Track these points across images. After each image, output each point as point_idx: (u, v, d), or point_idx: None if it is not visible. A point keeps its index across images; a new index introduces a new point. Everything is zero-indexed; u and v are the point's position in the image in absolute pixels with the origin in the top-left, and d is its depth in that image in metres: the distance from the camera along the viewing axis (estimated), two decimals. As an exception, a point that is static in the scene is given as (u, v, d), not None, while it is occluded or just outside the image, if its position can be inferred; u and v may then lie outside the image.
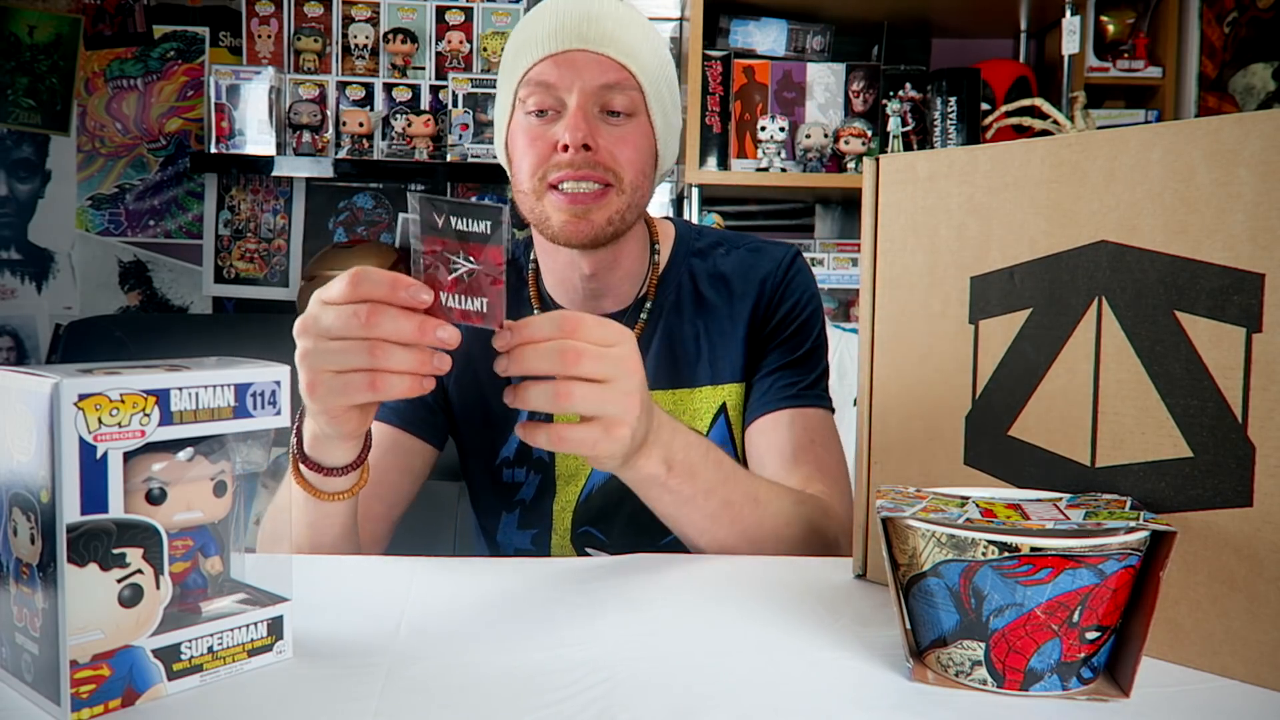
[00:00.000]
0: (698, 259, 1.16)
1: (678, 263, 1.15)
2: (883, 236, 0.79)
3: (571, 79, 1.00)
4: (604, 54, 1.00)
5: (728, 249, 1.17)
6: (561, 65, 1.00)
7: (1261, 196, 0.59)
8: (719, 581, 0.80)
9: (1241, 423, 0.61)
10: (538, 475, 1.11)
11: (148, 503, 0.57)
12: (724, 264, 1.15)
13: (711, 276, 1.14)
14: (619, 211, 1.03)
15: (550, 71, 1.00)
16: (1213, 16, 2.35)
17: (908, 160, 0.77)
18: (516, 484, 1.12)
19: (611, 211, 1.02)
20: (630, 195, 1.03)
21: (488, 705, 0.57)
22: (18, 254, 2.59)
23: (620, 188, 1.02)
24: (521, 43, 1.04)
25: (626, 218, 1.04)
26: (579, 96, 1.00)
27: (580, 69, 1.00)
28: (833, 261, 2.41)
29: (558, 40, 1.01)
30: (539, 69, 1.01)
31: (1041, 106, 2.06)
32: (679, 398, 1.11)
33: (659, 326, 1.12)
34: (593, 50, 1.00)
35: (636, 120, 1.03)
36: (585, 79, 1.00)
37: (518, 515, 1.13)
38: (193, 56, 2.61)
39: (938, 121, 2.29)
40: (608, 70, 1.01)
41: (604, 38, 1.00)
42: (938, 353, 0.76)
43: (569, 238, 1.03)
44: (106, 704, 0.54)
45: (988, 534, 0.57)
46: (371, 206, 2.65)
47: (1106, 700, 0.59)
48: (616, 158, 1.01)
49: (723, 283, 1.14)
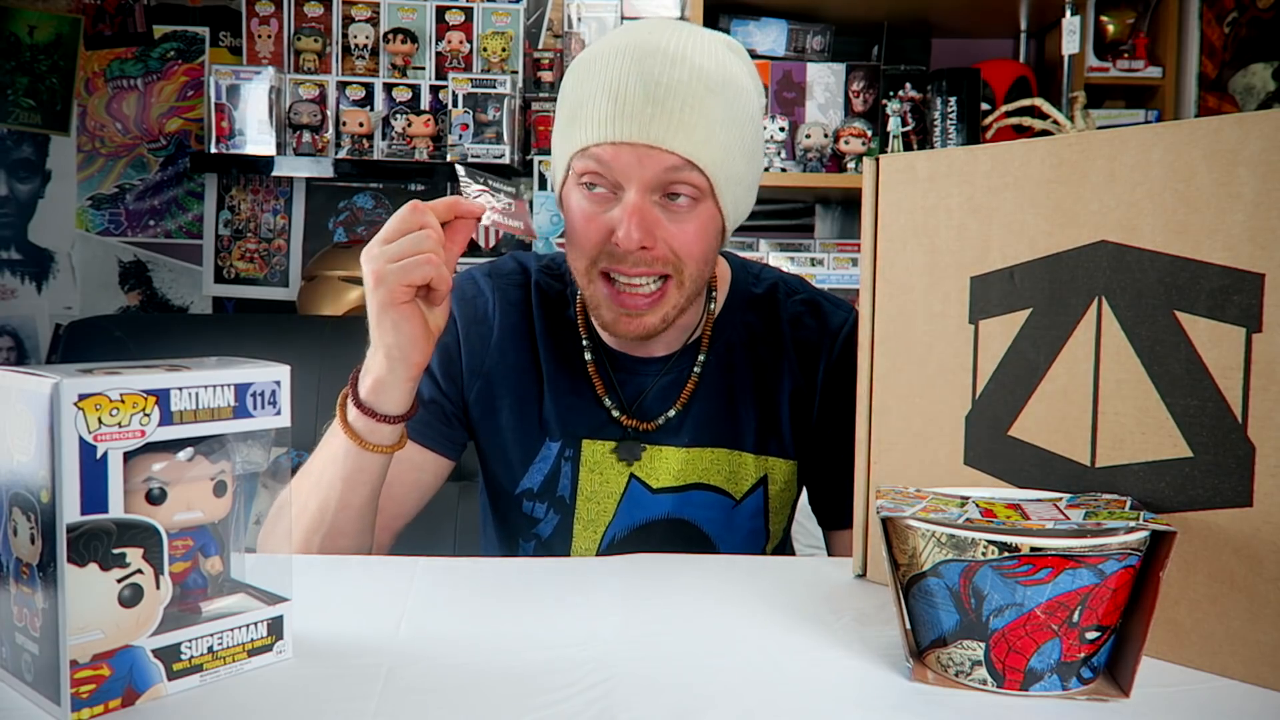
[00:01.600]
0: (754, 312, 1.09)
1: (733, 311, 1.09)
2: (883, 236, 0.79)
3: (629, 170, 0.91)
4: (667, 149, 0.90)
5: (784, 296, 1.11)
6: (619, 154, 0.91)
7: (1261, 196, 0.59)
8: (719, 581, 0.80)
9: (1241, 423, 0.61)
10: (557, 515, 1.07)
11: (148, 503, 0.57)
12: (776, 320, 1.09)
13: (763, 333, 1.08)
14: (676, 306, 0.96)
15: (608, 159, 0.91)
16: (1213, 16, 2.35)
17: (908, 160, 0.77)
18: (535, 518, 1.08)
19: (669, 308, 0.96)
20: (692, 285, 0.96)
21: (488, 705, 0.57)
22: (18, 254, 2.59)
23: (680, 279, 0.95)
24: (579, 105, 0.93)
25: (683, 307, 0.98)
26: (638, 193, 0.91)
27: (638, 163, 0.90)
28: (833, 261, 2.40)
29: (616, 127, 0.90)
30: (596, 151, 0.92)
31: (1041, 106, 2.05)
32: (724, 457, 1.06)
33: (713, 381, 1.06)
34: (654, 145, 0.90)
35: (702, 205, 0.94)
36: (646, 177, 0.91)
37: (534, 547, 1.09)
38: (193, 56, 2.61)
39: (938, 121, 2.29)
40: (671, 170, 0.91)
41: (670, 128, 0.89)
42: (938, 353, 0.75)
43: (618, 333, 0.98)
44: (106, 704, 0.54)
45: (988, 534, 0.57)
46: (371, 206, 2.64)
47: (1106, 700, 0.59)
48: (677, 250, 0.94)
49: (773, 342, 1.08)
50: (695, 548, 1.06)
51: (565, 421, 1.05)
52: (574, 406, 1.05)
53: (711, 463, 1.06)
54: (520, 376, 1.07)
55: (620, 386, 1.06)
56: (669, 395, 1.06)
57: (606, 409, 1.05)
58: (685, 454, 1.05)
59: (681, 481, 1.05)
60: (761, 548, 1.09)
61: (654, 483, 1.05)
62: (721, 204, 0.95)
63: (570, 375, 1.06)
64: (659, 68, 0.90)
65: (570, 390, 1.06)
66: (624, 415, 1.05)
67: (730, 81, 0.93)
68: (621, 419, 1.05)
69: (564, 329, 1.07)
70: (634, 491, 1.05)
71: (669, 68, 0.90)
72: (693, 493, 1.05)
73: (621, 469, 1.05)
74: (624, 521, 1.06)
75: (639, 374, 1.06)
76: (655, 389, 1.06)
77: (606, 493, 1.05)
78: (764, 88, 1.05)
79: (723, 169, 0.93)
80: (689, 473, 1.05)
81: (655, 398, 1.06)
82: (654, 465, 1.05)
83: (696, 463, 1.05)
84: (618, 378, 1.06)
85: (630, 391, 1.06)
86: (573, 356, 1.07)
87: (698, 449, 1.05)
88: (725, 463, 1.06)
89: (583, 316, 1.07)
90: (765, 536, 1.09)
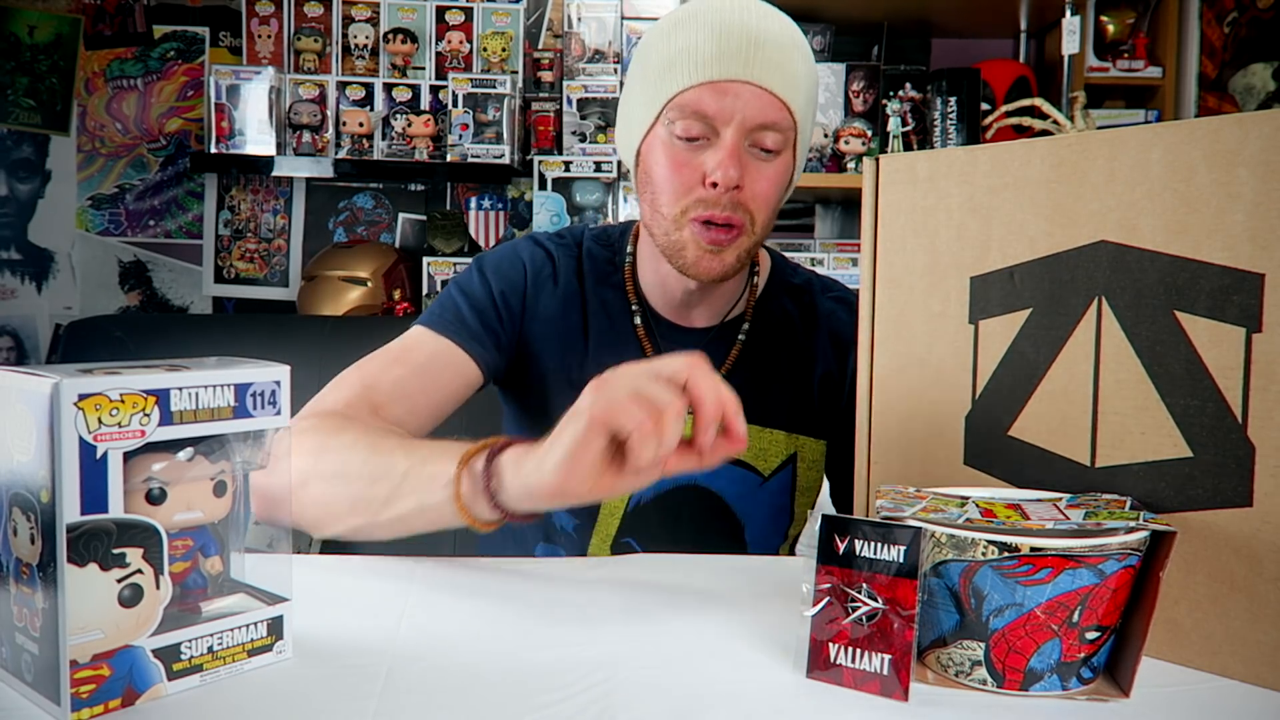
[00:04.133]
0: (791, 299, 1.14)
1: (773, 294, 1.14)
2: (883, 236, 0.79)
3: (731, 112, 0.95)
4: (768, 89, 0.95)
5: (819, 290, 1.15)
6: (723, 95, 0.95)
7: (1261, 196, 0.59)
8: (719, 582, 0.80)
9: (1241, 423, 0.61)
10: None
11: (148, 503, 0.57)
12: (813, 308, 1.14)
13: (799, 318, 1.13)
14: (747, 250, 1.01)
15: (709, 100, 0.95)
16: (1213, 16, 2.35)
17: (908, 160, 0.77)
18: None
19: (741, 250, 1.00)
20: (760, 234, 1.01)
21: (488, 705, 0.57)
22: (18, 254, 2.59)
23: (751, 229, 1.00)
24: (676, 54, 0.97)
25: (752, 254, 1.03)
26: (735, 133, 0.95)
27: (743, 103, 0.95)
28: (833, 261, 2.40)
29: (720, 66, 0.94)
30: (695, 94, 0.95)
31: (1041, 106, 2.05)
32: (755, 433, 1.07)
33: (752, 356, 1.10)
34: (757, 84, 0.95)
35: (783, 157, 0.99)
36: (747, 115, 0.95)
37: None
38: (193, 56, 2.61)
39: (938, 121, 2.29)
40: (769, 108, 0.95)
41: (769, 68, 0.95)
42: (938, 353, 0.76)
43: (700, 273, 1.00)
44: (106, 704, 0.54)
45: (988, 534, 0.57)
46: (371, 206, 2.64)
47: (1106, 700, 0.59)
48: (756, 197, 0.98)
49: (808, 328, 1.12)
50: (719, 522, 1.07)
51: None
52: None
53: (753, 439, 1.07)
54: (569, 333, 1.09)
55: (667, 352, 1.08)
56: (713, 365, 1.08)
57: None
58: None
59: None
60: (785, 529, 1.11)
61: None
62: (797, 157, 1.02)
63: (618, 338, 1.09)
64: (754, 20, 0.97)
65: (617, 352, 1.07)
66: None
67: (805, 45, 1.01)
68: None
69: (613, 294, 1.11)
70: None
71: (763, 20, 0.97)
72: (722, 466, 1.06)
73: None
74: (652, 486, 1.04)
75: (684, 342, 1.08)
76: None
77: None
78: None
79: (805, 120, 1.00)
80: None
81: None
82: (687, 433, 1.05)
83: None
84: (666, 344, 1.09)
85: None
86: (621, 320, 1.10)
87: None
88: (756, 439, 1.07)
89: (631, 283, 1.11)
90: (790, 517, 1.10)
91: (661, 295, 1.09)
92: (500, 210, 2.62)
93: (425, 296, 2.44)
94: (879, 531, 0.58)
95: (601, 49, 2.57)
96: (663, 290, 1.09)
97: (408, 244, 2.62)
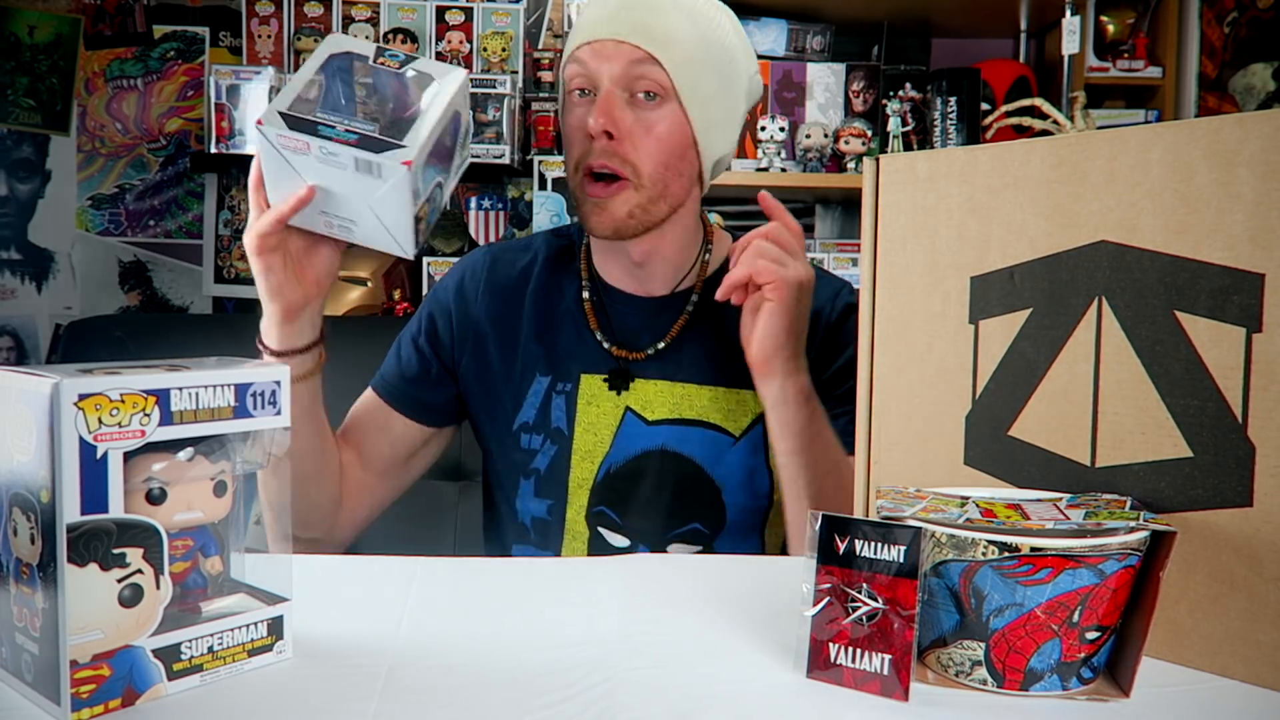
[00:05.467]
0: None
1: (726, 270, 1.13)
2: (883, 236, 0.79)
3: (599, 64, 1.04)
4: (631, 42, 1.04)
5: None
6: (596, 53, 1.05)
7: (1261, 196, 0.59)
8: (719, 582, 0.80)
9: (1241, 423, 0.61)
10: (554, 446, 1.12)
11: (148, 503, 0.57)
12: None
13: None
14: (639, 205, 1.05)
15: (588, 58, 1.05)
16: (1213, 16, 2.35)
17: (908, 160, 0.77)
18: (533, 451, 1.13)
19: (631, 205, 1.05)
20: (651, 189, 1.05)
21: (488, 705, 0.57)
22: (18, 254, 2.59)
23: (638, 182, 1.04)
24: (578, 24, 1.10)
25: (651, 211, 1.06)
26: (607, 84, 1.04)
27: (610, 56, 1.04)
28: (833, 261, 2.40)
29: (594, 29, 1.06)
30: (580, 52, 1.06)
31: (1041, 106, 2.05)
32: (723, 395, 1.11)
33: (707, 323, 1.13)
34: (622, 40, 1.04)
35: (667, 107, 1.05)
36: (612, 65, 1.04)
37: (534, 483, 1.13)
38: (193, 56, 2.61)
39: (938, 121, 2.29)
40: (635, 60, 1.04)
41: (634, 27, 1.04)
42: (938, 353, 0.75)
43: (591, 228, 1.07)
44: (106, 704, 0.54)
45: (988, 534, 0.57)
46: (371, 206, 2.64)
47: (1106, 700, 0.59)
48: (638, 147, 1.04)
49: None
50: (692, 484, 1.09)
51: (556, 358, 1.14)
52: (567, 343, 1.14)
53: (710, 400, 1.11)
54: (505, 326, 1.17)
55: (613, 321, 1.15)
56: (659, 330, 1.14)
57: (598, 341, 1.14)
58: (681, 389, 1.12)
59: (677, 415, 1.11)
60: (766, 491, 1.11)
61: (649, 415, 1.11)
62: (687, 111, 1.05)
63: (568, 314, 1.16)
64: None
65: (563, 327, 1.15)
66: (614, 346, 1.13)
67: (700, 12, 1.07)
68: (611, 350, 1.13)
69: (567, 276, 1.18)
70: (629, 423, 1.11)
71: None
72: (690, 429, 1.11)
73: (617, 402, 1.11)
74: (620, 453, 1.10)
75: (632, 310, 1.15)
76: (644, 323, 1.14)
77: (604, 424, 1.11)
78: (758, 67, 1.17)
79: (685, 73, 1.04)
80: (685, 408, 1.11)
81: (644, 331, 1.14)
82: (648, 398, 1.12)
83: (694, 399, 1.11)
84: (614, 312, 1.15)
85: (623, 326, 1.15)
86: (571, 299, 1.16)
87: (694, 385, 1.11)
88: (724, 400, 1.11)
89: (585, 261, 1.18)
90: (768, 476, 1.10)
91: (613, 271, 1.15)
92: (500, 210, 2.62)
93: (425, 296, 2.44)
94: (879, 531, 0.58)
95: (601, 49, 2.57)
96: (613, 265, 1.15)
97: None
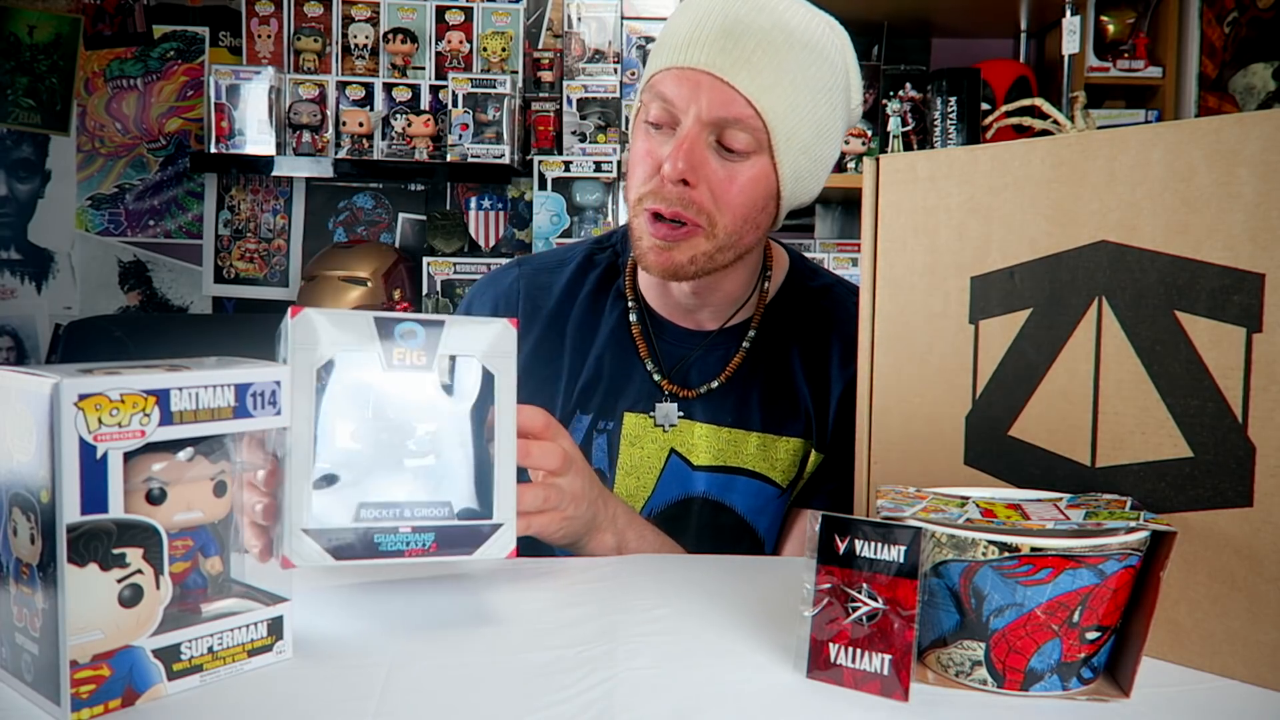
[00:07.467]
0: (809, 304, 1.08)
1: (788, 300, 1.07)
2: (883, 236, 0.79)
3: (689, 101, 0.91)
4: (731, 84, 0.89)
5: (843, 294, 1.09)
6: (683, 83, 0.91)
7: (1261, 196, 0.59)
8: (719, 582, 0.80)
9: (1241, 423, 0.61)
10: None
11: (148, 503, 0.57)
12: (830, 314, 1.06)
13: (819, 325, 1.06)
14: (706, 254, 0.95)
15: (671, 86, 0.92)
16: (1213, 16, 2.35)
17: (908, 160, 0.77)
18: None
19: (696, 253, 0.94)
20: (724, 240, 0.94)
21: (488, 705, 0.57)
22: (18, 254, 2.60)
23: (710, 232, 0.93)
24: (664, 37, 0.95)
25: (717, 259, 0.96)
26: (693, 125, 0.91)
27: (701, 93, 0.90)
28: (833, 261, 2.40)
29: (687, 52, 0.91)
30: (663, 78, 0.93)
31: (1041, 106, 2.05)
32: (765, 442, 1.03)
33: (761, 362, 1.05)
34: (718, 76, 0.90)
35: (755, 160, 0.93)
36: (703, 105, 0.90)
37: None
38: (193, 56, 2.61)
39: (938, 121, 2.29)
40: (730, 103, 0.90)
41: (737, 62, 0.89)
42: (938, 353, 0.75)
43: (649, 266, 0.96)
44: (106, 704, 0.54)
45: (988, 534, 0.57)
46: (371, 206, 2.65)
47: (1106, 700, 0.59)
48: (717, 199, 0.92)
49: (823, 334, 1.06)
50: (731, 536, 1.03)
51: (599, 391, 1.05)
52: (613, 373, 1.05)
53: (758, 448, 1.03)
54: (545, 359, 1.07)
55: (663, 355, 1.06)
56: (713, 369, 1.05)
57: (648, 372, 1.04)
58: (729, 434, 1.03)
59: (723, 462, 1.03)
60: None
61: (694, 459, 1.03)
62: (778, 165, 0.94)
63: (613, 341, 1.06)
64: (744, 9, 0.91)
65: (608, 355, 1.06)
66: (665, 380, 1.04)
67: (814, 46, 0.93)
68: (662, 383, 1.04)
69: (611, 297, 1.08)
70: (674, 466, 1.03)
71: (754, 12, 0.91)
72: (736, 478, 1.03)
73: (661, 442, 1.03)
74: (662, 497, 1.03)
75: (684, 344, 1.06)
76: (698, 359, 1.05)
77: (646, 467, 1.04)
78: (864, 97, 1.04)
79: (785, 124, 0.92)
80: (731, 454, 1.03)
81: (698, 368, 1.05)
82: (694, 441, 1.04)
83: (741, 446, 1.03)
84: (661, 346, 1.06)
85: (673, 360, 1.05)
86: (615, 322, 1.07)
87: (742, 431, 1.03)
88: (772, 449, 1.03)
89: (631, 280, 1.08)
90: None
91: (661, 298, 1.06)
92: (500, 210, 2.62)
93: (425, 296, 2.44)
94: (879, 531, 0.58)
95: (601, 49, 2.57)
96: (661, 291, 1.06)
97: (408, 244, 2.62)
